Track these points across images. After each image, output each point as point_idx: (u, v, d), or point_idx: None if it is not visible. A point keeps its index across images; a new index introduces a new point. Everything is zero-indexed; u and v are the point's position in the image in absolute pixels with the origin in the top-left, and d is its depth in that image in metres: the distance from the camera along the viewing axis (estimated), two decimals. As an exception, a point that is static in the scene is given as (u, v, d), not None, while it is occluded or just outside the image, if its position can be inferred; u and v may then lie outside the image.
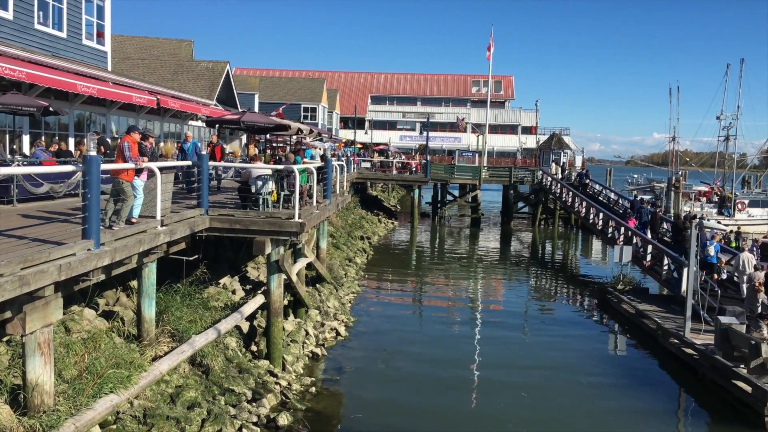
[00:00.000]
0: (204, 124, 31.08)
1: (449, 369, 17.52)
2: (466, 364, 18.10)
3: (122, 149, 11.15)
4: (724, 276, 23.46)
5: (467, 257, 37.60)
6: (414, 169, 51.98)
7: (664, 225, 31.42)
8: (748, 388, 14.61)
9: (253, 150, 22.26)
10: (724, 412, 15.02)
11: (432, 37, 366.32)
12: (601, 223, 34.01)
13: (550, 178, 49.26)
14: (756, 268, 20.51)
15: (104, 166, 9.97)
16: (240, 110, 27.30)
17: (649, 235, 28.12)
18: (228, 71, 41.42)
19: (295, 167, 15.10)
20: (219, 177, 20.59)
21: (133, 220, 11.31)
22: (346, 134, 74.45)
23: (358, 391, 15.38)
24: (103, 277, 10.53)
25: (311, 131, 23.47)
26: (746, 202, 52.11)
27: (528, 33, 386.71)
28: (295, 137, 30.47)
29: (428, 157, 52.61)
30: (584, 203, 38.54)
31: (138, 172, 11.38)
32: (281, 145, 30.81)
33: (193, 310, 14.18)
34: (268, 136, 28.25)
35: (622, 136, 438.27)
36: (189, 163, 16.14)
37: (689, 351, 17.80)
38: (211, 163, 16.54)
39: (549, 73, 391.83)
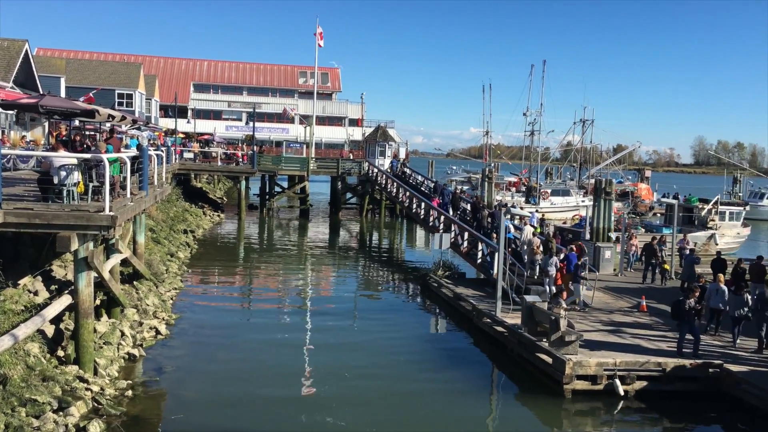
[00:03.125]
0: (-1, 109, 27.81)
1: (277, 359, 17.39)
2: (294, 353, 18.07)
3: None
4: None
5: (296, 248, 37.54)
6: (240, 160, 50.80)
7: (462, 204, 35.89)
8: (550, 360, 16.09)
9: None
10: (530, 383, 16.40)
11: (257, 26, 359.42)
12: (423, 212, 35.62)
13: (375, 170, 50.61)
14: (534, 235, 25.47)
15: None
16: (40, 94, 24.77)
17: (451, 212, 32.31)
18: (27, 51, 37.41)
19: (105, 156, 14.01)
20: None
21: None
22: (167, 123, 70.79)
23: (179, 390, 14.72)
24: None
25: (124, 118, 21.88)
26: (549, 191, 57.49)
27: (353, 26, 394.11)
28: (109, 124, 28.28)
29: (255, 148, 51.66)
30: (407, 194, 40.10)
31: None
32: (92, 133, 28.51)
33: (-16, 316, 12.66)
34: (77, 122, 25.95)
35: (443, 129, 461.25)
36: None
37: (500, 329, 19.22)
38: (5, 150, 14.86)
39: (374, 67, 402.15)
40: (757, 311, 17.08)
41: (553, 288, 21.17)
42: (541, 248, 23.70)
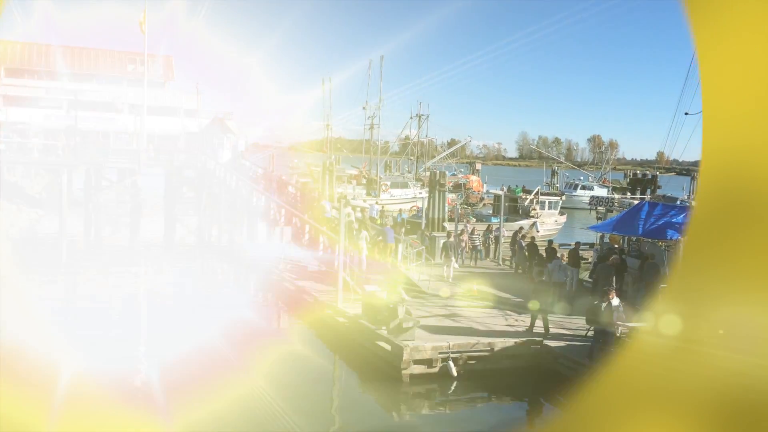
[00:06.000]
0: None
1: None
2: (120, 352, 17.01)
3: None
4: None
5: (127, 246, 35.33)
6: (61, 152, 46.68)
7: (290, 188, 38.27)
8: (389, 347, 16.54)
9: None
10: (371, 371, 16.75)
11: (80, 4, 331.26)
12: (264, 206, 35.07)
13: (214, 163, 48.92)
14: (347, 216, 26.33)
15: None
16: None
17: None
18: None
19: None
20: None
21: None
22: (-26, 111, 63.35)
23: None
24: None
25: None
26: (389, 183, 59.15)
27: (189, 13, 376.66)
28: None
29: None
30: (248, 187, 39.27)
31: None
32: None
33: None
34: None
35: (285, 122, 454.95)
36: None
37: (342, 319, 19.43)
38: None
39: (211, 56, 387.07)
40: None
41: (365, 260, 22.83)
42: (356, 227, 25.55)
